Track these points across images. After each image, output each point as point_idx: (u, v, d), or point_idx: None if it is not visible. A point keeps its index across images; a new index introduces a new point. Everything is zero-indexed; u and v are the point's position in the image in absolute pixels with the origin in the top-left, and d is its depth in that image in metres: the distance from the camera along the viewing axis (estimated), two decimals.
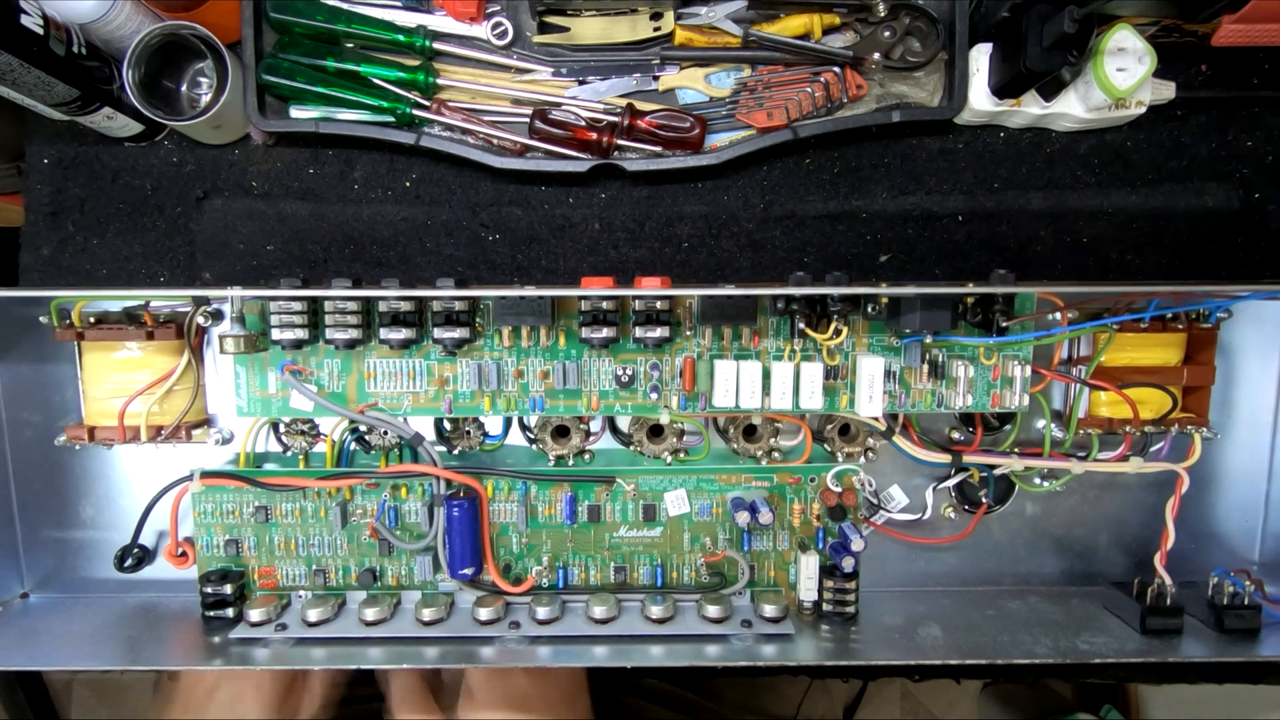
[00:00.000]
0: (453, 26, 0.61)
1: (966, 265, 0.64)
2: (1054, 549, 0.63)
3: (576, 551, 0.59)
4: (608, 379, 0.57)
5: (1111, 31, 0.56)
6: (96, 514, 0.62)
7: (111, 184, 0.64)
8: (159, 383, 0.57)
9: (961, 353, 0.57)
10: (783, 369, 0.55)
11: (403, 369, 0.57)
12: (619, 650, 0.55)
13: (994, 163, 0.64)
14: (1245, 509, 0.63)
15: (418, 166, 0.64)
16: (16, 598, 0.62)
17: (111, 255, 0.65)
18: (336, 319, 0.55)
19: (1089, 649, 0.55)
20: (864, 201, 0.64)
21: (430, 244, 0.64)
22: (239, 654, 0.54)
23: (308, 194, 0.64)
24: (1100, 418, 0.59)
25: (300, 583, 0.59)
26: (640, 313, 0.55)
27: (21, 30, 0.50)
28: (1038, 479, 0.61)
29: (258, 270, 0.64)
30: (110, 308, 0.58)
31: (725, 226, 0.64)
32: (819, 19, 0.60)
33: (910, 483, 0.62)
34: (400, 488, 0.58)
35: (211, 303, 0.57)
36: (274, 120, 0.61)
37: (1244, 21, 0.58)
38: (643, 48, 0.62)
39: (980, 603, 0.61)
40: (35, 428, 0.61)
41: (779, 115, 0.61)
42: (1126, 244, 0.64)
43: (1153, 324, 0.58)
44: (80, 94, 0.56)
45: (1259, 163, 0.64)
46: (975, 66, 0.60)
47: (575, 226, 0.64)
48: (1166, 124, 0.64)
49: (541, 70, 0.62)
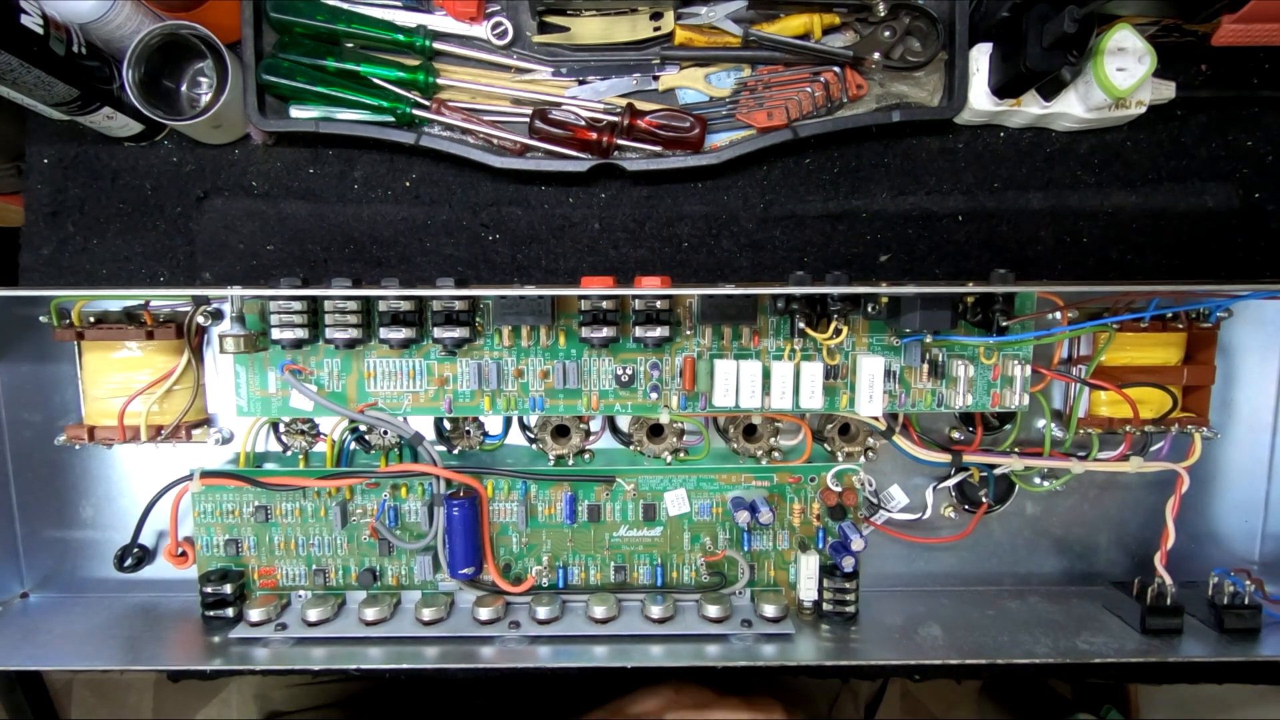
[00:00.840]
0: (453, 26, 0.61)
1: (966, 265, 0.64)
2: (1054, 549, 0.63)
3: (576, 551, 0.59)
4: (608, 379, 0.57)
5: (1111, 31, 0.56)
6: (96, 514, 0.62)
7: (111, 184, 0.64)
8: (159, 382, 0.57)
9: (961, 352, 0.57)
10: (783, 368, 0.55)
11: (403, 368, 0.57)
12: (619, 650, 0.55)
13: (994, 163, 0.64)
14: (1245, 509, 0.63)
15: (418, 166, 0.64)
16: (16, 597, 0.62)
17: (111, 255, 0.65)
18: (336, 318, 0.55)
19: (1089, 649, 0.55)
20: (864, 201, 0.64)
21: (430, 244, 0.64)
22: (239, 654, 0.54)
23: (308, 194, 0.64)
24: (1100, 417, 0.59)
25: (300, 582, 0.59)
26: (640, 312, 0.55)
27: (21, 30, 0.50)
28: (1038, 479, 0.61)
29: (258, 270, 0.64)
30: (110, 307, 0.58)
31: (725, 226, 0.64)
32: (819, 19, 0.60)
33: (910, 482, 0.62)
34: (400, 487, 0.58)
35: (211, 302, 0.57)
36: (274, 120, 0.61)
37: (1244, 21, 0.58)
38: (643, 48, 0.62)
39: (980, 603, 0.61)
40: (35, 427, 0.61)
41: (779, 115, 0.61)
42: (1126, 244, 0.64)
43: (1153, 324, 0.58)
44: (80, 94, 0.56)
45: (1259, 163, 0.64)
46: (975, 66, 0.60)
47: (575, 226, 0.64)
48: (1166, 124, 0.64)
49: (541, 70, 0.62)
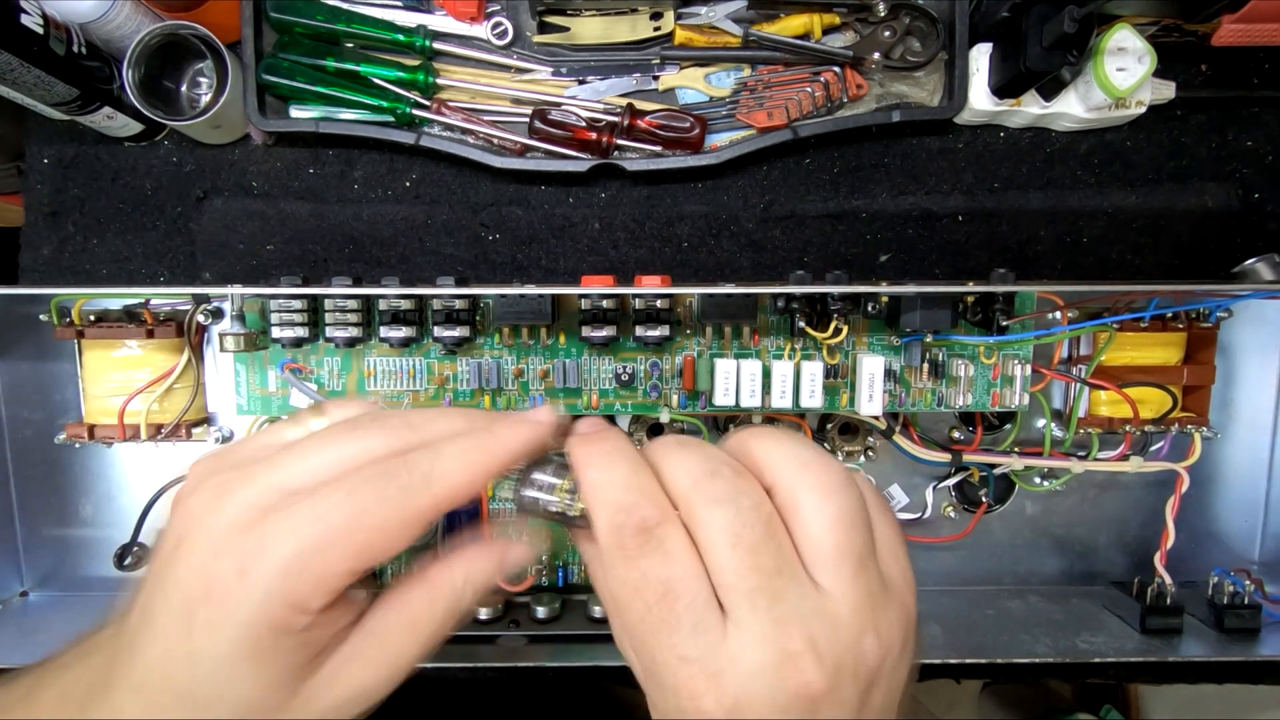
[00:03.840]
0: (453, 26, 0.61)
1: (966, 265, 0.64)
2: (1054, 548, 0.63)
3: (576, 550, 0.59)
4: (608, 378, 0.57)
5: (1111, 31, 0.56)
6: (96, 512, 0.62)
7: (111, 184, 0.64)
8: (159, 381, 0.57)
9: (961, 352, 0.57)
10: (783, 368, 0.55)
11: (403, 367, 0.57)
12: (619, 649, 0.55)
13: (994, 163, 0.64)
14: (1245, 509, 0.63)
15: (418, 166, 0.65)
16: (16, 596, 0.62)
17: (111, 255, 0.65)
18: (336, 317, 0.55)
19: (1089, 649, 0.55)
20: (864, 201, 0.64)
21: (430, 244, 0.64)
22: None
23: (308, 194, 0.64)
24: (1100, 417, 0.59)
25: None
26: (640, 311, 0.55)
27: (21, 30, 0.50)
28: (1038, 478, 0.61)
29: (258, 270, 0.64)
30: (110, 306, 0.58)
31: (725, 226, 0.64)
32: (819, 19, 0.60)
33: (910, 482, 0.62)
34: None
35: (211, 301, 0.57)
36: (274, 120, 0.61)
37: (1244, 21, 0.58)
38: (643, 48, 0.62)
39: (980, 602, 0.61)
40: (35, 426, 0.61)
41: (779, 115, 0.61)
42: (1126, 244, 0.64)
43: (1153, 323, 0.58)
44: (80, 94, 0.56)
45: (1259, 163, 0.64)
46: (975, 66, 0.60)
47: (575, 226, 0.64)
48: (1166, 124, 0.64)
49: (541, 70, 0.62)
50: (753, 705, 0.27)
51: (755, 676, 0.27)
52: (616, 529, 0.28)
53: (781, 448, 0.30)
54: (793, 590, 0.28)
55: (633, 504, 0.28)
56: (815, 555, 0.29)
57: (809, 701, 0.27)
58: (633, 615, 0.28)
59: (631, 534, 0.28)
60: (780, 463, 0.30)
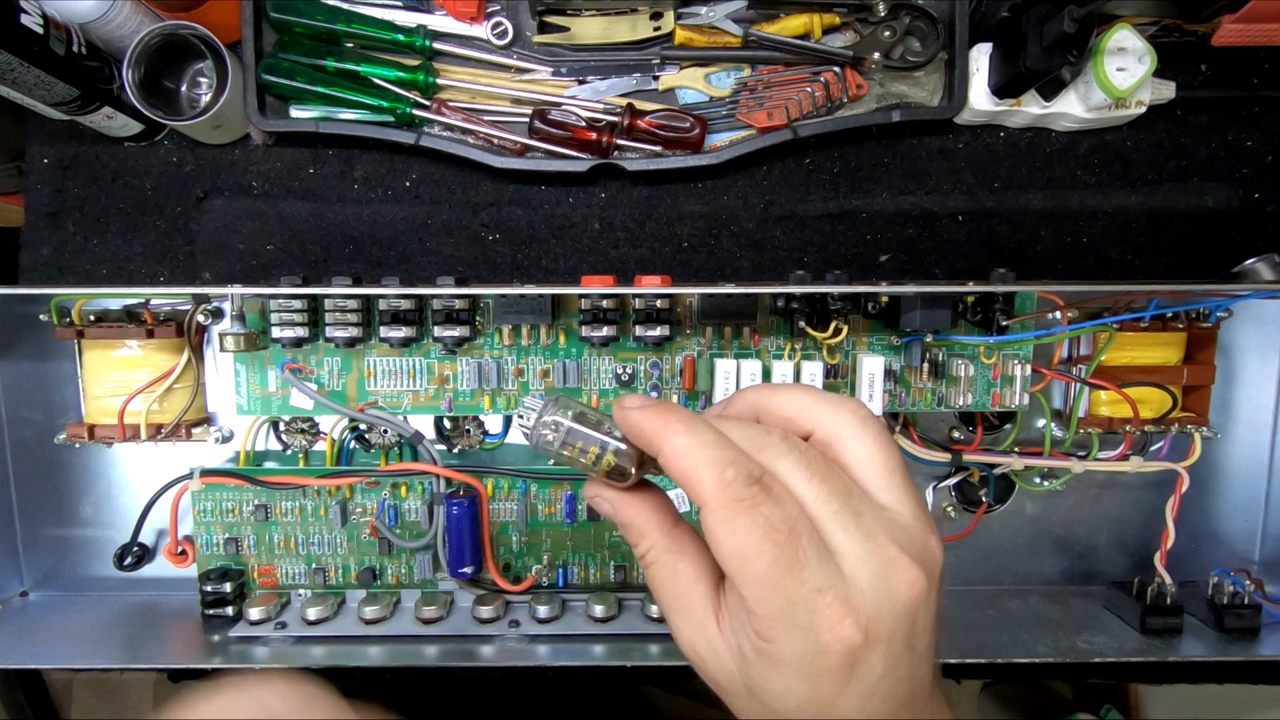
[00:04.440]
0: (453, 26, 0.61)
1: (966, 265, 0.64)
2: (1054, 548, 0.63)
3: (576, 550, 0.59)
4: (608, 377, 0.57)
5: (1111, 31, 0.56)
6: (96, 512, 0.62)
7: (111, 184, 0.64)
8: (159, 381, 0.57)
9: (961, 352, 0.57)
10: (783, 368, 0.55)
11: (403, 367, 0.57)
12: (619, 649, 0.55)
13: (994, 163, 0.64)
14: (1245, 509, 0.63)
15: (418, 166, 0.65)
16: (16, 596, 0.62)
17: (111, 255, 0.65)
18: (336, 317, 0.55)
19: (1089, 648, 0.55)
20: (864, 201, 0.64)
21: (430, 244, 0.64)
22: (238, 652, 0.54)
23: (308, 194, 0.64)
24: (1100, 417, 0.59)
25: (300, 581, 0.59)
26: (640, 311, 0.55)
27: (21, 29, 0.50)
28: (1038, 478, 0.61)
29: (258, 270, 0.64)
30: (110, 306, 0.58)
31: (725, 226, 0.64)
32: (819, 19, 0.60)
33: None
34: (400, 486, 0.58)
35: (211, 301, 0.57)
36: (274, 120, 0.61)
37: (1244, 21, 0.58)
38: (643, 47, 0.62)
39: (980, 602, 0.61)
40: (35, 426, 0.61)
41: (779, 115, 0.61)
42: (1126, 244, 0.64)
43: (1153, 323, 0.58)
44: (80, 94, 0.56)
45: (1259, 163, 0.64)
46: (975, 66, 0.60)
47: (575, 226, 0.64)
48: (1166, 124, 0.64)
49: (541, 70, 0.62)
50: (882, 618, 0.29)
51: (875, 590, 0.29)
52: (727, 484, 0.29)
53: (805, 395, 0.34)
54: (865, 506, 0.31)
55: (734, 458, 0.30)
56: (868, 476, 0.32)
57: (918, 603, 0.30)
58: (764, 561, 0.29)
59: (744, 484, 0.29)
60: (811, 408, 0.33)
